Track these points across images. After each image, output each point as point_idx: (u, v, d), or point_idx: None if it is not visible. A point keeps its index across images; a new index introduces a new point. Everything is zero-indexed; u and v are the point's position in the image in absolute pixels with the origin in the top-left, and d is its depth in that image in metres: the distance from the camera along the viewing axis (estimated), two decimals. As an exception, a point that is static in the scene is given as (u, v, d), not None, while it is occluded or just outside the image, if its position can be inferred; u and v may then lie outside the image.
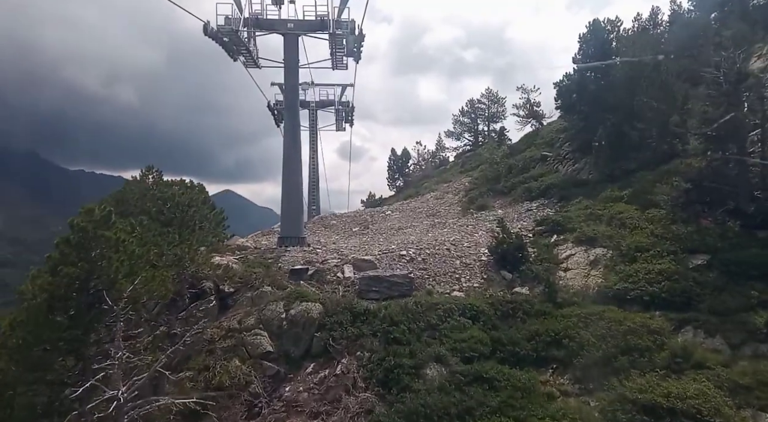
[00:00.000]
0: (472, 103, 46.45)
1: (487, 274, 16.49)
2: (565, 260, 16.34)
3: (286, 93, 22.97)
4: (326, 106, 41.07)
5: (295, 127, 22.65)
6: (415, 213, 28.35)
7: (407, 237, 20.98)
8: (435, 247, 18.47)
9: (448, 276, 16.43)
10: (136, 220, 11.87)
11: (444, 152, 49.48)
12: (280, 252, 18.72)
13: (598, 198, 19.40)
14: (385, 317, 13.26)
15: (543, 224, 19.21)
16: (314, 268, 16.25)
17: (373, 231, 24.43)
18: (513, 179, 26.75)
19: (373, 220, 27.83)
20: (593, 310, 13.26)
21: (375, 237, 22.66)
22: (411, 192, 38.77)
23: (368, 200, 49.90)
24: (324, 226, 28.52)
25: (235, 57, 23.97)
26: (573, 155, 25.46)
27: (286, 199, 21.90)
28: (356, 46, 23.04)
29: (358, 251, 18.72)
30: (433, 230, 22.24)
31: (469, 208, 26.28)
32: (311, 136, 41.22)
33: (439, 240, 19.41)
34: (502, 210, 24.32)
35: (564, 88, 25.83)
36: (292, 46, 22.29)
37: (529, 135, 33.56)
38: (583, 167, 23.81)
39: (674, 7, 38.28)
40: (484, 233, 20.38)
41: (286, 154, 22.10)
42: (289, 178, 21.96)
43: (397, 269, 16.53)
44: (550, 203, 22.49)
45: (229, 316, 13.63)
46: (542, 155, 27.51)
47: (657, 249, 14.73)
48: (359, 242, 21.37)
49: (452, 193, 32.69)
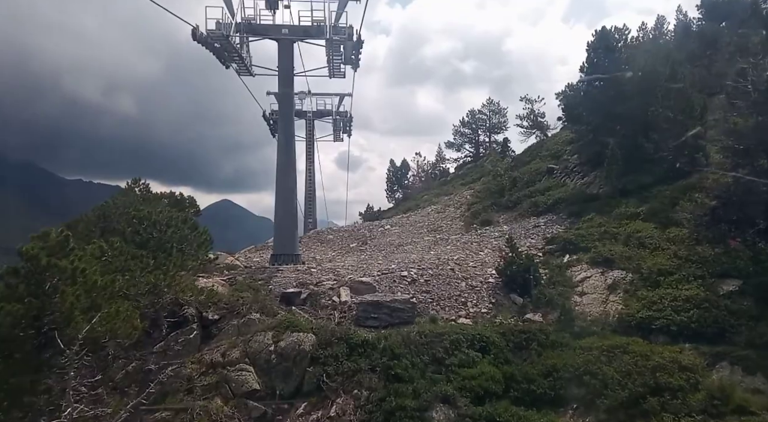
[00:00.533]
0: (472, 113, 45.53)
1: (495, 298, 15.19)
2: (580, 283, 15.06)
3: (280, 102, 21.81)
4: (323, 116, 39.98)
5: (289, 138, 21.45)
6: (415, 228, 27.10)
7: (408, 256, 19.70)
8: (438, 267, 17.18)
9: (453, 300, 15.13)
10: (108, 243, 10.59)
11: (444, 163, 48.39)
12: (271, 272, 17.39)
13: (612, 214, 18.15)
14: (386, 349, 11.92)
15: (553, 242, 17.96)
16: (308, 291, 14.92)
17: (372, 248, 23.14)
18: (518, 193, 25.54)
19: (372, 235, 26.58)
20: (616, 342, 11.94)
21: (374, 254, 21.36)
22: (411, 204, 37.56)
23: (366, 212, 48.70)
24: (320, 241, 27.27)
25: (228, 64, 22.84)
26: (581, 168, 24.32)
27: (279, 215, 20.64)
28: (354, 53, 21.92)
29: (356, 271, 17.42)
30: (436, 247, 20.96)
31: (472, 223, 25.05)
32: (308, 147, 40.11)
33: (443, 259, 18.12)
34: (508, 225, 23.07)
35: (571, 99, 24.76)
36: (286, 53, 21.16)
37: (533, 146, 32.48)
38: (593, 181, 22.64)
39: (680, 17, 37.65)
40: (490, 251, 19.11)
41: (280, 166, 20.87)
42: (283, 192, 20.72)
43: (398, 292, 15.24)
44: (559, 219, 21.25)
45: (212, 348, 12.26)
46: (548, 168, 26.34)
47: (682, 273, 13.48)
48: (357, 260, 20.07)
49: (454, 206, 31.48)
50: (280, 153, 20.96)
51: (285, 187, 20.64)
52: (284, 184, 20.72)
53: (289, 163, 21.00)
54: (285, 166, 20.88)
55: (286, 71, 21.31)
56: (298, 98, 38.39)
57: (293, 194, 21.01)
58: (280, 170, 20.83)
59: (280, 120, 21.67)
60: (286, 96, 21.69)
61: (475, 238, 21.78)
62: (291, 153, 21.13)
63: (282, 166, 20.84)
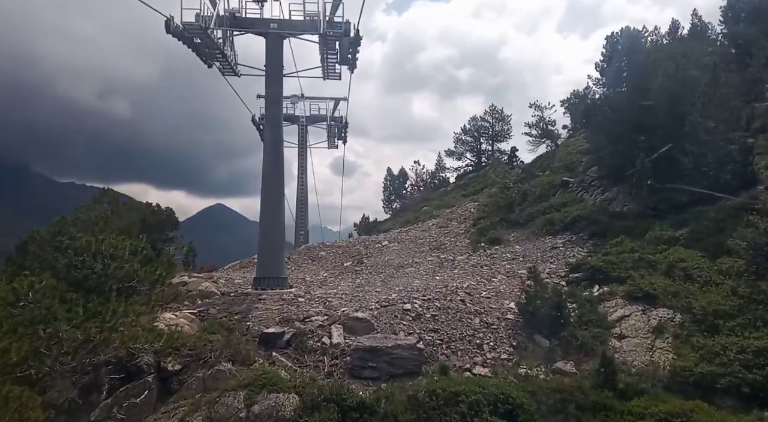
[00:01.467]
0: (474, 120, 43.29)
1: (516, 339, 12.75)
2: (617, 323, 12.67)
3: (267, 104, 19.38)
4: (317, 121, 37.66)
5: (277, 145, 18.99)
6: (416, 245, 24.67)
7: (410, 281, 17.26)
8: (446, 297, 14.76)
9: (467, 342, 12.67)
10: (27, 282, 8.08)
11: (444, 172, 46.06)
12: (251, 303, 14.91)
13: (646, 238, 15.83)
14: (387, 416, 9.47)
15: (579, 269, 15.59)
16: (292, 331, 12.41)
17: (369, 269, 20.68)
18: (530, 208, 23.21)
19: (369, 253, 24.11)
20: (675, 407, 9.53)
21: (371, 277, 18.89)
22: (410, 216, 35.15)
23: (362, 223, 46.25)
24: (311, 259, 24.76)
25: (210, 62, 20.45)
26: (601, 182, 22.04)
27: (264, 232, 18.20)
28: (351, 52, 19.59)
29: (350, 301, 14.95)
30: (441, 271, 18.54)
31: (479, 241, 22.65)
32: (300, 154, 37.77)
33: (450, 287, 15.70)
34: (520, 245, 20.71)
35: (590, 106, 22.51)
36: (275, 50, 18.78)
37: (543, 157, 30.19)
38: (616, 197, 20.34)
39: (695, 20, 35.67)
40: (504, 278, 16.73)
41: (265, 177, 18.44)
42: (269, 207, 18.28)
43: (401, 330, 12.81)
44: (579, 239, 18.91)
45: (169, 410, 9.76)
46: (563, 181, 24.04)
47: (747, 317, 11.13)
48: (352, 285, 17.60)
49: (457, 220, 29.09)
50: (266, 162, 18.53)
51: (271, 201, 18.21)
52: (270, 198, 18.29)
53: (276, 174, 18.56)
54: (272, 177, 18.46)
55: (274, 70, 18.93)
56: (290, 102, 36.10)
57: (280, 209, 18.56)
58: (265, 182, 18.40)
59: (267, 125, 19.26)
60: (274, 98, 19.28)
61: (485, 260, 19.38)
62: (279, 162, 18.68)
63: (268, 177, 18.41)
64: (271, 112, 19.39)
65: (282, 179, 18.96)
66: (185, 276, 18.63)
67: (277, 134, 19.18)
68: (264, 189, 18.20)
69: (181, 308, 14.37)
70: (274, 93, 19.08)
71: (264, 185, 18.25)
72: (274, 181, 18.52)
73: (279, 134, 19.30)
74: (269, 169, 18.37)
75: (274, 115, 19.35)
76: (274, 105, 19.43)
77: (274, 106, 19.40)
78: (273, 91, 19.02)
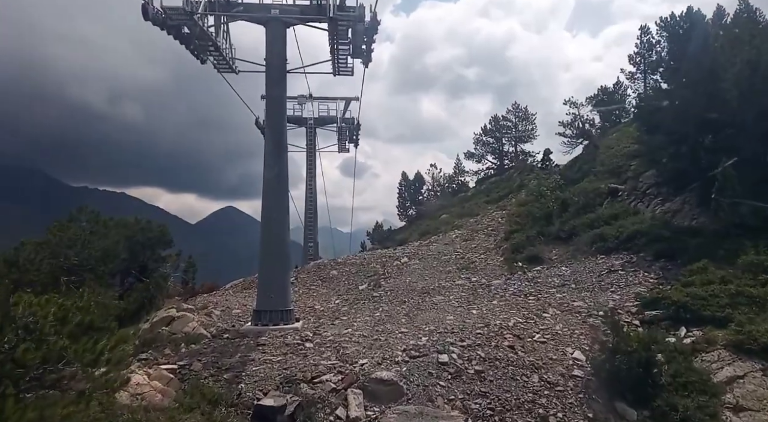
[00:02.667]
0: (496, 120, 40.16)
1: (591, 408, 9.69)
2: (727, 386, 9.57)
3: (269, 105, 16.43)
4: (327, 123, 34.73)
5: (279, 152, 16.03)
6: (440, 263, 21.66)
7: (441, 316, 14.23)
8: (490, 342, 11.75)
9: (526, 411, 9.63)
10: None
11: (462, 176, 42.95)
12: (247, 351, 12.00)
13: (739, 264, 12.68)
14: None
15: (656, 305, 12.46)
16: (296, 400, 9.46)
17: (389, 295, 17.66)
18: (573, 220, 20.04)
19: (386, 272, 21.15)
20: None
21: (393, 308, 15.85)
22: (428, 226, 32.09)
23: (375, 231, 43.36)
24: (321, 279, 21.84)
25: (202, 57, 17.64)
26: (658, 190, 18.86)
27: (265, 258, 15.31)
28: (366, 42, 16.63)
29: (370, 348, 11.93)
30: (477, 301, 15.48)
31: (515, 260, 19.57)
32: (309, 159, 34.85)
33: (493, 327, 12.67)
34: (566, 266, 17.60)
35: (646, 102, 19.35)
36: (277, 40, 15.90)
37: (580, 160, 26.95)
38: (681, 208, 17.18)
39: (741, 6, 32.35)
40: (557, 312, 13.64)
41: (267, 190, 15.57)
42: (270, 224, 15.41)
43: (437, 394, 9.84)
44: (642, 261, 15.78)
45: None
46: (610, 188, 20.86)
47: None
48: (370, 321, 14.58)
49: (483, 231, 26.04)
50: (267, 176, 15.60)
51: (273, 223, 15.32)
52: (272, 218, 15.40)
53: (279, 186, 15.62)
54: (274, 190, 15.56)
55: (276, 65, 16.03)
56: (297, 102, 33.26)
57: (284, 229, 15.64)
58: (267, 196, 15.52)
59: (269, 129, 16.28)
60: (276, 98, 16.34)
61: (528, 286, 16.30)
62: (282, 176, 15.72)
63: (270, 191, 15.53)
64: (274, 114, 16.39)
65: (287, 195, 16.02)
66: (173, 310, 15.79)
67: (281, 140, 16.22)
68: (265, 208, 15.34)
69: (159, 360, 11.53)
70: (276, 91, 16.16)
71: (265, 204, 15.38)
72: (277, 196, 15.61)
73: (283, 140, 16.34)
74: (271, 184, 15.47)
75: (276, 117, 16.38)
76: (277, 106, 16.47)
77: (276, 108, 16.44)
78: (275, 89, 16.11)
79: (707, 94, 16.52)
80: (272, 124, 16.26)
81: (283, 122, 16.66)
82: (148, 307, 19.17)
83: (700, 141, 17.21)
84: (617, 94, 38.44)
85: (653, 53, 30.36)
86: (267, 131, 16.05)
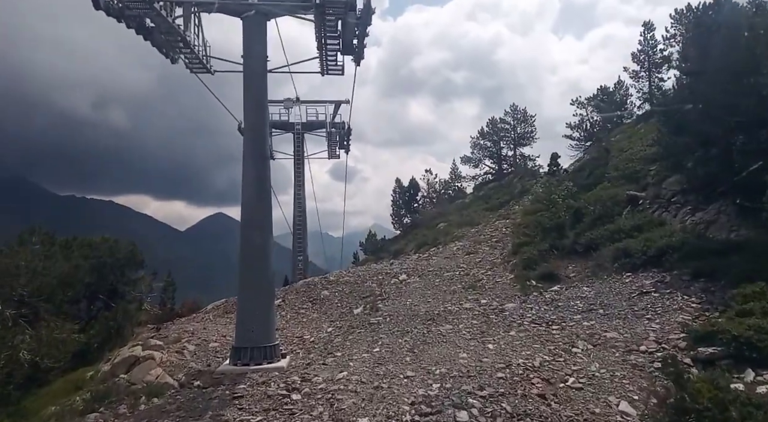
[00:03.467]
0: (493, 122, 38.28)
1: (654, 484, 7.68)
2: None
3: (247, 109, 14.24)
4: (315, 128, 32.72)
5: (259, 161, 13.92)
6: (443, 281, 19.63)
7: (452, 352, 12.12)
8: (515, 389, 9.70)
9: (572, 492, 7.59)
10: None
11: (459, 181, 41.00)
12: (220, 407, 9.82)
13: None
14: None
15: (710, 340, 10.46)
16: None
17: (388, 322, 15.53)
18: (590, 232, 18.08)
19: (384, 292, 19.09)
20: None
21: (394, 340, 13.68)
22: (426, 236, 30.06)
23: (368, 240, 41.25)
24: (311, 301, 19.73)
25: (172, 55, 15.56)
26: (685, 198, 16.98)
27: (244, 282, 13.20)
28: (358, 36, 14.63)
29: (371, 401, 9.80)
30: (492, 331, 13.40)
31: (527, 277, 17.56)
32: (297, 166, 32.76)
33: (516, 368, 10.63)
34: (588, 286, 15.62)
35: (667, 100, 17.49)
36: (255, 35, 13.85)
37: (590, 164, 25.06)
38: (716, 219, 15.28)
39: None
40: (589, 346, 11.62)
41: (246, 210, 13.46)
42: (251, 248, 13.29)
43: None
44: (677, 280, 13.82)
45: None
46: (629, 196, 18.95)
47: None
48: (369, 359, 12.41)
49: (487, 243, 24.09)
50: (246, 192, 13.49)
51: (254, 243, 13.20)
52: (253, 237, 13.28)
53: (260, 205, 13.51)
54: (254, 208, 13.45)
55: (255, 64, 13.97)
56: (284, 106, 31.20)
57: (266, 252, 13.48)
58: (246, 216, 13.41)
59: (247, 138, 14.09)
60: (255, 101, 14.23)
61: (548, 311, 14.28)
62: (263, 188, 13.63)
63: (250, 210, 13.42)
64: (253, 120, 14.22)
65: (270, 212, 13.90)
66: (137, 347, 13.58)
67: (261, 149, 14.08)
68: (244, 228, 13.22)
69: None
70: (255, 95, 14.07)
71: (244, 221, 13.26)
72: (258, 215, 13.49)
73: (263, 149, 14.20)
74: (251, 197, 13.37)
75: (256, 123, 14.26)
76: (257, 111, 14.35)
77: (256, 113, 14.30)
78: (254, 91, 14.02)
79: (740, 90, 14.67)
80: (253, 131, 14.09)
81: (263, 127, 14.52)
82: (115, 339, 16.95)
83: (732, 142, 15.39)
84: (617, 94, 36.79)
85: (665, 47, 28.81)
86: (246, 138, 13.88)
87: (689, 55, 16.73)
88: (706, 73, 16.06)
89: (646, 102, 33.87)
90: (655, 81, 33.08)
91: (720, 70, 15.54)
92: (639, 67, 33.53)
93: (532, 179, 32.18)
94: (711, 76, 15.70)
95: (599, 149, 24.95)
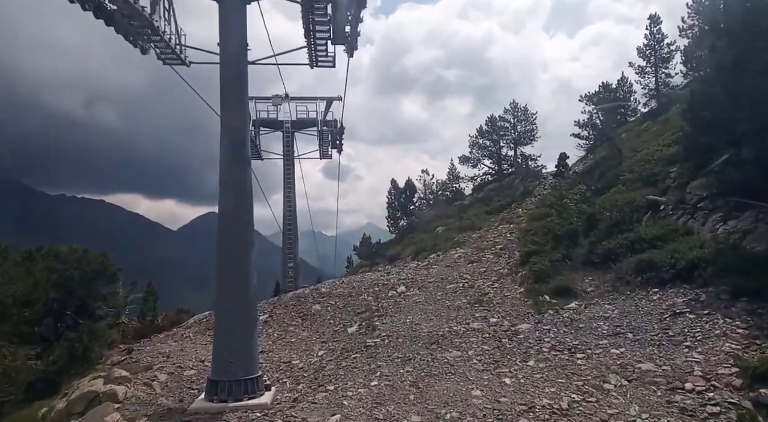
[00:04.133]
0: (492, 120, 36.64)
1: None
2: None
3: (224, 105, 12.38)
4: (306, 126, 30.93)
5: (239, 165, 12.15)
6: (445, 294, 17.99)
7: (463, 389, 10.42)
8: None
9: None
10: None
11: (458, 182, 39.33)
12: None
13: None
14: None
15: (766, 378, 8.88)
16: None
17: (386, 346, 13.81)
18: (607, 241, 16.46)
19: (381, 307, 17.43)
20: None
21: (394, 371, 11.95)
22: (424, 242, 28.39)
23: (362, 244, 39.53)
24: (301, 317, 18.03)
25: (142, 45, 13.77)
26: (714, 204, 15.38)
27: (221, 303, 11.44)
28: (351, 23, 12.90)
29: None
30: (506, 359, 11.71)
31: (539, 292, 15.93)
32: (286, 167, 30.95)
33: (540, 411, 8.96)
34: (609, 302, 13.99)
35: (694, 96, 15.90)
36: (234, 20, 12.08)
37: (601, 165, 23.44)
38: (753, 228, 13.68)
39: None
40: (624, 382, 9.97)
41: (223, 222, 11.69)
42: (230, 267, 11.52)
43: None
44: (714, 298, 12.20)
45: None
46: (648, 201, 17.34)
47: None
48: (367, 398, 10.65)
49: (490, 250, 22.49)
50: (224, 194, 11.76)
51: (232, 262, 11.43)
52: (231, 254, 11.52)
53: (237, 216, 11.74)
54: (232, 220, 11.68)
55: (234, 54, 12.18)
56: (272, 103, 29.37)
57: (247, 270, 11.70)
58: (223, 229, 11.63)
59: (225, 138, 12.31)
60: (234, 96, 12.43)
61: (568, 335, 12.63)
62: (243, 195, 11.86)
63: (228, 222, 11.65)
64: (232, 119, 12.45)
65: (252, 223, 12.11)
66: (99, 379, 11.80)
67: (243, 153, 12.28)
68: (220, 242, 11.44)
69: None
70: (234, 86, 12.29)
71: (221, 236, 11.48)
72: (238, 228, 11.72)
73: (244, 153, 12.40)
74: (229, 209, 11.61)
75: (236, 122, 12.47)
76: (236, 106, 12.56)
77: (235, 110, 12.51)
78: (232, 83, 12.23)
79: None
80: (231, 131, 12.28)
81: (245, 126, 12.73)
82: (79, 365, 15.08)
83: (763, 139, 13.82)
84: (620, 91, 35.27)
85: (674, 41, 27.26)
86: (222, 142, 12.07)
87: (717, 46, 15.10)
88: (735, 66, 14.47)
89: (652, 98, 32.36)
90: (662, 76, 31.56)
91: (752, 61, 13.96)
92: (645, 62, 32.00)
93: (535, 180, 30.58)
94: (741, 68, 14.10)
95: (611, 149, 23.36)
